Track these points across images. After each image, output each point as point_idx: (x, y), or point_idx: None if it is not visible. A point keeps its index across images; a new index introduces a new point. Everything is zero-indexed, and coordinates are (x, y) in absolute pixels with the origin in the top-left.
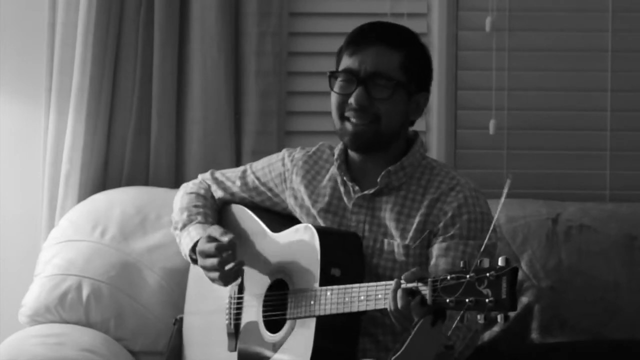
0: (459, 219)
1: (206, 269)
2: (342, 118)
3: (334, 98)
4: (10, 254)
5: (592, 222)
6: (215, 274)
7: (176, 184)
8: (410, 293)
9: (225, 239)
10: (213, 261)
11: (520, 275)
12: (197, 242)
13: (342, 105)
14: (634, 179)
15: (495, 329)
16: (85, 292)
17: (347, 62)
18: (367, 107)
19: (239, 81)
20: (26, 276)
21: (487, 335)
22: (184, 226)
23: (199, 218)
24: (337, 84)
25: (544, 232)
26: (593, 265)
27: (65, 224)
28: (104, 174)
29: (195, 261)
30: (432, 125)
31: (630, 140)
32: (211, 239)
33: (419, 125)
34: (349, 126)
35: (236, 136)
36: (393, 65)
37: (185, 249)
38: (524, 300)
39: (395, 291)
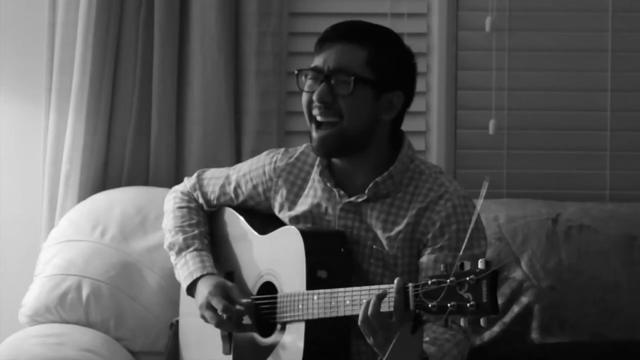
0: (447, 229)
1: (205, 319)
2: (311, 119)
3: (303, 98)
4: (10, 254)
5: (592, 222)
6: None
7: (176, 184)
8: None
9: (241, 303)
10: (217, 319)
11: (520, 275)
12: (197, 279)
13: (309, 104)
14: (634, 179)
15: (495, 329)
16: (85, 292)
17: (314, 60)
18: (330, 104)
19: (239, 81)
20: (26, 276)
21: (487, 335)
22: (180, 251)
23: (196, 244)
24: (307, 83)
25: (544, 232)
26: (593, 265)
27: (65, 224)
28: (104, 174)
29: (191, 294)
30: (432, 125)
31: (630, 140)
32: (225, 294)
33: (419, 125)
34: (314, 133)
35: (236, 136)
36: (357, 61)
37: (183, 282)
38: (524, 300)
39: (379, 297)
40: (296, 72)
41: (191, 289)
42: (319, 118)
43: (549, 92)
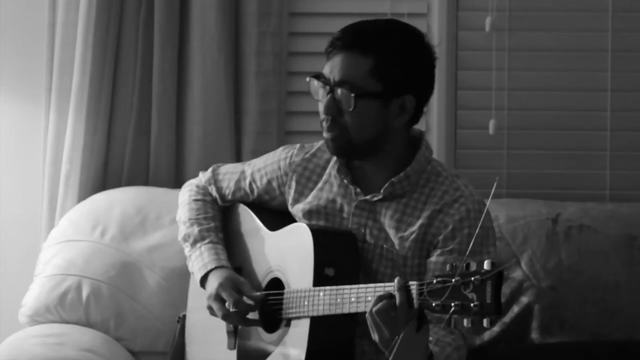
0: (459, 232)
1: (212, 311)
2: (321, 126)
3: (319, 105)
4: (10, 254)
5: (592, 222)
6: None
7: (176, 184)
8: (388, 297)
9: (252, 296)
10: (224, 311)
11: (520, 275)
12: (211, 270)
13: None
14: (634, 179)
15: (495, 329)
16: (85, 292)
17: (325, 66)
18: (335, 116)
19: (239, 81)
20: (26, 276)
21: (487, 335)
22: (195, 242)
23: (212, 237)
24: (319, 92)
25: (544, 232)
26: (593, 265)
27: (65, 224)
28: (104, 174)
29: (203, 286)
30: (432, 125)
31: (630, 140)
32: (236, 288)
33: (419, 125)
34: (325, 134)
35: (236, 136)
36: (361, 72)
37: (196, 273)
38: (524, 300)
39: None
40: (307, 79)
41: (203, 281)
42: (324, 127)
43: (549, 92)
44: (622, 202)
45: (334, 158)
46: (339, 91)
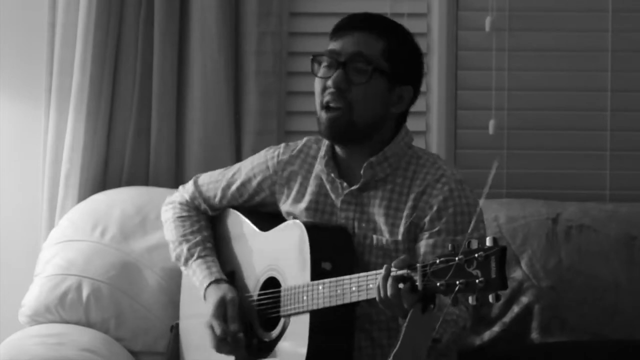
0: (445, 212)
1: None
2: (322, 105)
3: (316, 84)
4: (10, 254)
5: (592, 222)
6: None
7: (176, 184)
8: (401, 280)
9: (232, 327)
10: (222, 329)
11: (520, 275)
12: (210, 284)
13: (323, 91)
14: (634, 179)
15: (495, 329)
16: (85, 292)
17: (330, 46)
18: (343, 90)
19: (239, 81)
20: (26, 276)
21: (487, 335)
22: (186, 261)
23: (199, 251)
24: (321, 70)
25: (544, 232)
26: (593, 265)
27: (65, 224)
28: (104, 174)
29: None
30: (432, 125)
31: (630, 140)
32: (222, 313)
33: (419, 125)
34: (323, 114)
35: (236, 136)
36: (375, 50)
37: (199, 291)
38: (524, 300)
39: (385, 279)
40: (311, 57)
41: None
42: (332, 104)
43: (549, 92)
44: (622, 202)
45: (321, 153)
46: (352, 64)
